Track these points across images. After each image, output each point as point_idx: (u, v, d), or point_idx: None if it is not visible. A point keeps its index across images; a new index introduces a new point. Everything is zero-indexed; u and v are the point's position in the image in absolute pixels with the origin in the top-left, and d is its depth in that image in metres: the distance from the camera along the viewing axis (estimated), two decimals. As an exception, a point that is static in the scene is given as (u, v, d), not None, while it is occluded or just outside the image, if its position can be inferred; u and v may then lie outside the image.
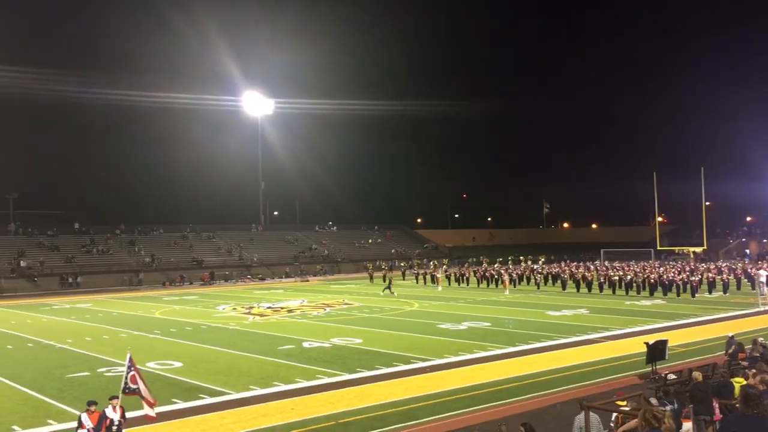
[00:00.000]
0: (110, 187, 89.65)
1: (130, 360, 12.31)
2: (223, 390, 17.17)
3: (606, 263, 63.97)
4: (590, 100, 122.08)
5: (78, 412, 11.82)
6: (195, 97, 79.95)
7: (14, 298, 51.62)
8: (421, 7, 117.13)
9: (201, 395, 16.61)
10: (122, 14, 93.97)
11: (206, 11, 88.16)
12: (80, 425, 11.34)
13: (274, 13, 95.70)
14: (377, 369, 19.36)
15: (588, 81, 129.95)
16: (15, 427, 14.18)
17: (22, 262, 61.24)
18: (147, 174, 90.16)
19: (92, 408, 11.49)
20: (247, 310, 36.91)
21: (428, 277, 57.17)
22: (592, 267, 57.02)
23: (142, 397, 12.26)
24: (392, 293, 41.98)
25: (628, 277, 44.08)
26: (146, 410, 12.43)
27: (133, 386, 12.16)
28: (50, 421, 14.50)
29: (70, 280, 60.01)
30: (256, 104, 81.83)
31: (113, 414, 11.58)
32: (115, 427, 11.56)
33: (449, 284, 53.76)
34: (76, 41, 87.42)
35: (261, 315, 34.55)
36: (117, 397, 11.83)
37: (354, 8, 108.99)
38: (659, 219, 72.74)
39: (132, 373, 12.21)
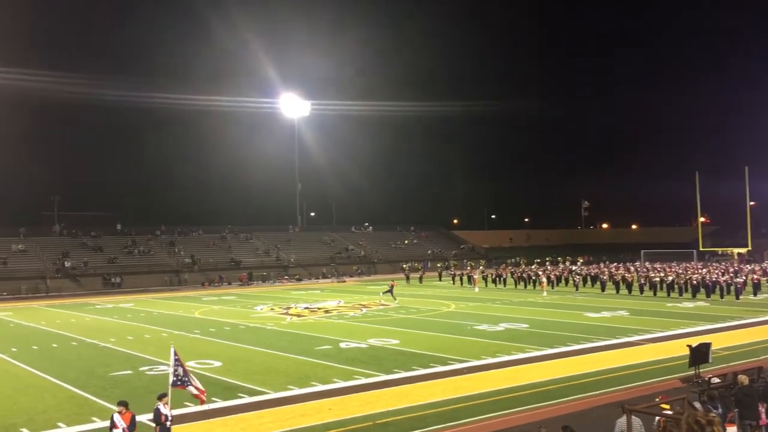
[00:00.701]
0: (151, 189, 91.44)
1: (176, 353, 12.50)
2: (262, 389, 17.33)
3: (646, 264, 62.88)
4: (630, 99, 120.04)
5: (130, 411, 12.00)
6: (233, 99, 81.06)
7: (59, 297, 52.90)
8: (456, 9, 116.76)
9: (240, 394, 16.80)
10: (162, 18, 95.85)
11: (244, 15, 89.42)
12: (113, 425, 11.48)
13: (311, 16, 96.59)
14: (414, 370, 19.33)
15: (627, 79, 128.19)
16: (60, 424, 14.52)
17: (66, 262, 62.71)
18: (187, 176, 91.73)
19: (122, 409, 11.63)
20: (285, 311, 37.20)
21: (465, 278, 56.91)
22: (632, 268, 56.10)
23: (194, 387, 12.46)
24: (391, 296, 41.41)
25: (670, 279, 43.28)
26: (201, 397, 12.64)
27: (185, 378, 12.36)
28: (94, 419, 14.80)
29: (113, 280, 61.25)
30: (293, 106, 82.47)
31: (166, 410, 11.79)
32: (169, 423, 11.78)
33: (486, 285, 53.44)
34: (117, 45, 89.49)
35: (298, 315, 34.79)
36: (166, 395, 12.02)
37: (390, 10, 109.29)
38: (702, 219, 71.30)
39: (182, 367, 12.43)
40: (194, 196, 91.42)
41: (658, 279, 43.76)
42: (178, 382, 12.40)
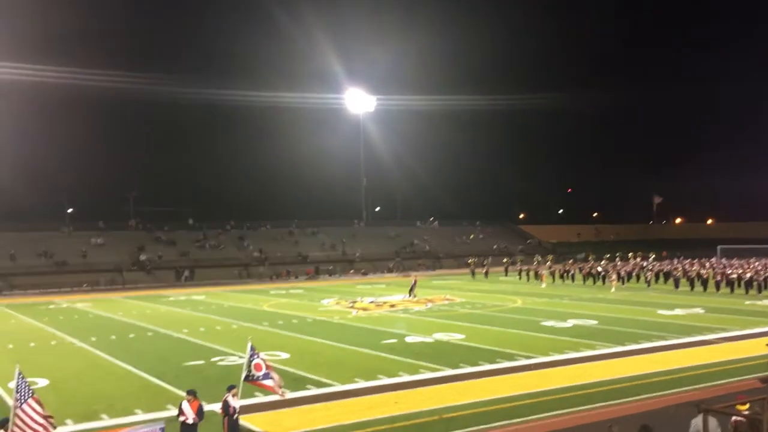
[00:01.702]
0: (221, 185, 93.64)
1: (252, 348, 12.73)
2: (329, 381, 17.56)
3: (723, 260, 60.55)
4: (707, 90, 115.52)
5: (197, 399, 12.39)
6: (300, 95, 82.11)
7: (135, 289, 54.88)
8: (525, 0, 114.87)
9: (308, 386, 17.07)
10: (230, 16, 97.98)
11: (311, 10, 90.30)
12: (181, 413, 11.81)
13: (378, 10, 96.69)
14: (480, 365, 19.23)
15: (699, 69, 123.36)
16: (137, 411, 15.09)
17: (141, 256, 65.00)
18: (255, 171, 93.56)
19: (191, 397, 11.95)
20: (351, 304, 37.54)
21: (531, 273, 56.15)
22: (707, 264, 54.14)
23: (271, 384, 12.72)
24: (412, 296, 40.11)
25: (748, 276, 41.59)
26: (275, 389, 12.92)
27: (257, 373, 12.62)
28: (168, 406, 15.29)
29: (186, 273, 63.16)
30: (359, 101, 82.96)
31: (235, 402, 12.06)
32: (236, 415, 12.06)
33: (553, 281, 52.57)
34: (188, 44, 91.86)
35: (364, 309, 35.06)
36: (236, 387, 12.29)
37: (456, 3, 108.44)
38: (783, 213, 68.15)
39: (257, 361, 12.66)
40: (263, 192, 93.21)
41: (735, 276, 42.11)
42: (250, 377, 12.64)
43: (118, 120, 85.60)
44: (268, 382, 12.74)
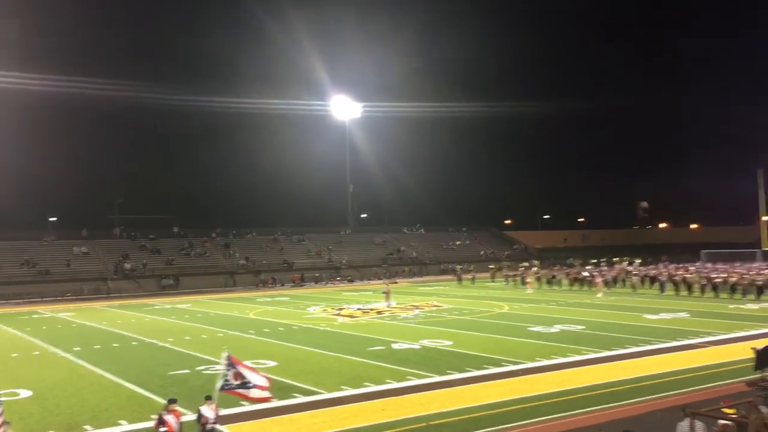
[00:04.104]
0: (206, 192, 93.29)
1: (229, 358, 12.48)
2: (315, 389, 17.44)
3: (708, 265, 60.99)
4: (691, 96, 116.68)
5: (179, 409, 12.29)
6: (286, 102, 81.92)
7: (119, 298, 54.42)
8: (509, 8, 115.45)
9: (294, 394, 16.94)
10: (216, 23, 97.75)
11: (297, 17, 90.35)
12: (163, 423, 11.70)
13: (363, 17, 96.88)
14: (468, 371, 19.18)
15: (687, 75, 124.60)
16: (122, 422, 14.91)
17: (126, 264, 64.46)
18: (240, 179, 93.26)
19: (173, 406, 11.87)
20: (337, 312, 37.41)
21: (518, 279, 56.23)
22: (692, 269, 54.46)
23: (251, 389, 12.45)
24: (389, 302, 39.71)
25: (733, 280, 41.87)
26: (260, 394, 12.63)
27: (235, 383, 12.39)
28: (154, 416, 15.01)
29: (171, 281, 62.68)
30: (344, 108, 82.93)
31: (210, 413, 11.89)
32: (209, 426, 11.87)
33: (540, 286, 52.69)
34: (173, 51, 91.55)
35: (350, 316, 34.94)
36: (212, 398, 12.10)
37: (441, 11, 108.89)
38: (766, 218, 68.77)
39: (234, 371, 12.42)
40: (248, 199, 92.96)
41: (720, 280, 42.36)
42: (226, 387, 12.44)
43: (101, 127, 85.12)
44: (254, 393, 12.44)
